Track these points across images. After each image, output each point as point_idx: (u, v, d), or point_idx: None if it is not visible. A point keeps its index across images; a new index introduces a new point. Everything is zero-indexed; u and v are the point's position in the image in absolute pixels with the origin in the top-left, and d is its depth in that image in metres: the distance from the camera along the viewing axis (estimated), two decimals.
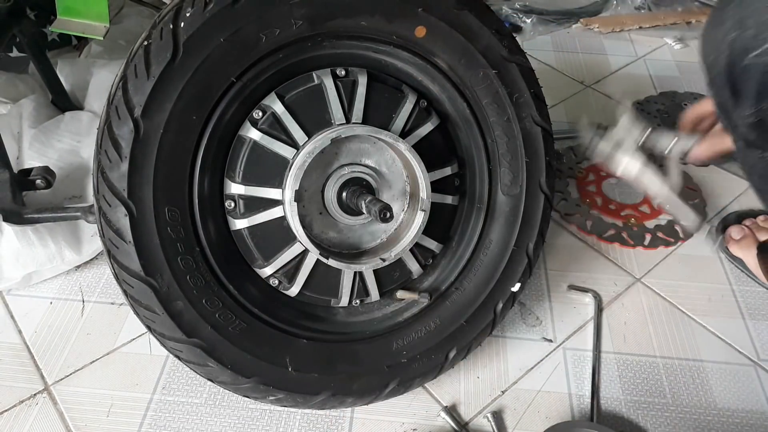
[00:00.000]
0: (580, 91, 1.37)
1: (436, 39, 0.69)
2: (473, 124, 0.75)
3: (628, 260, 1.00)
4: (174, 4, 0.60)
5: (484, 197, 0.78)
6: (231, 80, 0.63)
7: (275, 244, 0.70)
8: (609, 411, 0.80)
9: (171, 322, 0.64)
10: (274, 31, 0.62)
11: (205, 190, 0.66)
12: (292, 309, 0.74)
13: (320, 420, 0.79)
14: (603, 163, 0.90)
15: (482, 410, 0.80)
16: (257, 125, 0.67)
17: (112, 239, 0.62)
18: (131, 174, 0.60)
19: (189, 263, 0.65)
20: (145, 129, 0.60)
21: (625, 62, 1.46)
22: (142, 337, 0.88)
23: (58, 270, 0.94)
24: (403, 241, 0.71)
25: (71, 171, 1.03)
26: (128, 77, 0.59)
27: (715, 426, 0.79)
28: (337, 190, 0.70)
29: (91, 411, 0.79)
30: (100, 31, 0.89)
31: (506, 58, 0.72)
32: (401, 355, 0.75)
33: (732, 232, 0.98)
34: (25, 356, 0.86)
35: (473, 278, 0.78)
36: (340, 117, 0.68)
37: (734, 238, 0.98)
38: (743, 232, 0.97)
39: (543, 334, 0.89)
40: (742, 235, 0.97)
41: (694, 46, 1.53)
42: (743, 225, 0.99)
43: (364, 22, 0.66)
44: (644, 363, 0.86)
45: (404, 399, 0.80)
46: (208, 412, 0.79)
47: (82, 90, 1.17)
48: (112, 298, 0.93)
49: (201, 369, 0.68)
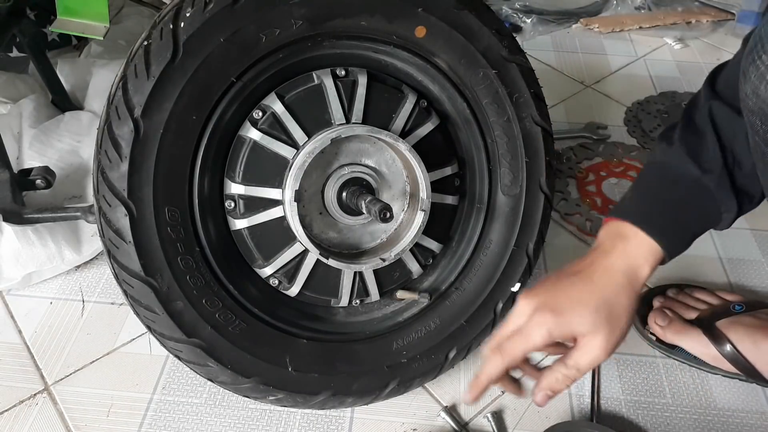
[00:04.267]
0: (580, 91, 1.37)
1: (436, 39, 0.69)
2: (473, 124, 0.75)
3: None
4: (174, 4, 0.60)
5: (484, 197, 0.78)
6: (231, 80, 0.63)
7: (275, 244, 0.70)
8: (609, 411, 0.80)
9: (171, 322, 0.64)
10: (274, 31, 0.62)
11: (205, 190, 0.66)
12: (292, 309, 0.74)
13: (320, 420, 0.79)
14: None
15: (482, 410, 0.80)
16: (257, 125, 0.67)
17: (112, 239, 0.62)
18: (131, 174, 0.60)
19: (189, 263, 0.65)
20: (145, 129, 0.60)
21: (625, 62, 1.46)
22: (142, 337, 0.88)
23: (58, 270, 0.94)
24: (403, 241, 0.71)
25: (71, 171, 1.03)
26: (128, 77, 0.59)
27: (715, 426, 0.79)
28: (337, 190, 0.70)
29: (91, 411, 0.79)
30: (100, 31, 0.89)
31: (506, 58, 0.72)
32: (401, 355, 0.75)
33: (656, 320, 0.84)
34: (25, 356, 0.86)
35: (473, 278, 0.78)
36: (340, 117, 0.68)
37: (661, 324, 0.84)
38: (667, 316, 0.84)
39: None
40: (668, 320, 0.84)
41: (694, 46, 1.53)
42: (662, 308, 0.86)
43: (364, 22, 0.66)
44: (644, 363, 0.86)
45: (404, 399, 0.80)
46: (208, 412, 0.79)
47: (82, 90, 1.17)
48: (112, 298, 0.93)
49: (201, 369, 0.68)
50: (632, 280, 0.61)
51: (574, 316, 0.59)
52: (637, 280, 0.62)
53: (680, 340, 0.83)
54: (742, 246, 1.02)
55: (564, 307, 0.59)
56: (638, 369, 0.85)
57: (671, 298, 0.89)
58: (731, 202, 0.65)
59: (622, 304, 0.60)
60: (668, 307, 0.86)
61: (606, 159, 1.17)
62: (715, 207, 0.65)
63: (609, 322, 0.59)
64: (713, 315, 0.82)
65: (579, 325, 0.59)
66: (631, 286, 0.61)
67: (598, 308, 0.59)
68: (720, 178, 0.64)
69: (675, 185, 0.66)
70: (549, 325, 0.59)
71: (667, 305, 0.87)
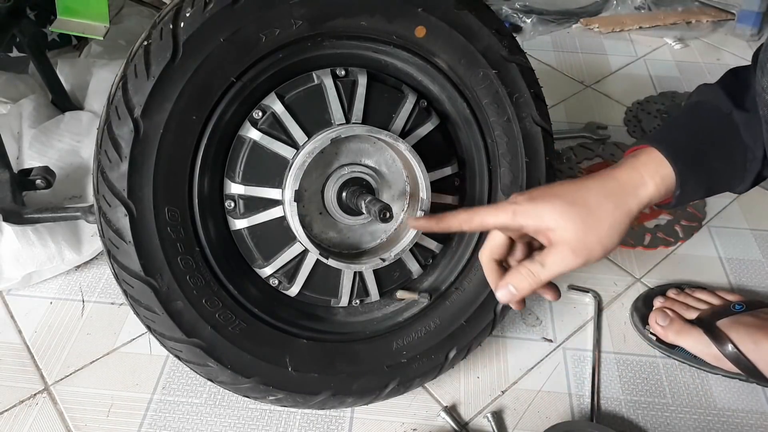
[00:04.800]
0: (580, 91, 1.37)
1: (436, 39, 0.69)
2: (473, 124, 0.75)
3: (628, 260, 1.00)
4: (174, 4, 0.60)
5: (484, 197, 0.78)
6: (231, 80, 0.63)
7: (275, 244, 0.70)
8: (609, 411, 0.80)
9: (171, 322, 0.64)
10: (274, 31, 0.63)
11: (205, 190, 0.66)
12: (292, 309, 0.74)
13: (320, 420, 0.79)
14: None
15: (482, 410, 0.80)
16: (257, 125, 0.67)
17: (112, 239, 0.62)
18: (131, 174, 0.60)
19: (189, 263, 0.65)
20: (145, 129, 0.60)
21: (625, 62, 1.46)
22: (142, 337, 0.88)
23: (58, 270, 0.94)
24: (403, 241, 0.71)
25: (71, 171, 1.03)
26: (128, 77, 0.59)
27: (715, 426, 0.79)
28: (337, 190, 0.70)
29: (91, 411, 0.79)
30: (100, 31, 0.89)
31: (506, 58, 0.72)
32: (401, 355, 0.75)
33: (657, 320, 0.84)
34: (25, 356, 0.86)
35: (473, 278, 0.78)
36: (340, 117, 0.68)
37: (662, 324, 0.83)
38: (668, 316, 0.84)
39: (543, 334, 0.89)
40: (668, 319, 0.83)
41: (694, 46, 1.53)
42: (663, 308, 0.85)
43: (364, 22, 0.66)
44: (644, 363, 0.86)
45: (404, 399, 0.80)
46: (208, 412, 0.79)
47: (82, 90, 1.17)
48: (112, 298, 0.93)
49: (201, 369, 0.68)
50: (629, 191, 0.56)
51: (545, 206, 0.55)
52: (635, 192, 0.56)
53: (681, 339, 0.83)
54: (742, 246, 1.02)
55: (539, 196, 0.56)
56: (638, 369, 0.85)
57: (672, 298, 0.88)
58: (758, 148, 0.59)
59: (607, 209, 0.54)
60: (669, 307, 0.86)
61: (606, 159, 1.17)
62: (741, 149, 0.59)
63: (584, 221, 0.54)
64: (714, 315, 0.82)
65: (548, 217, 0.54)
66: (626, 196, 0.55)
67: (574, 203, 0.54)
68: (752, 119, 0.58)
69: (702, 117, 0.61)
70: (517, 207, 0.56)
71: (668, 305, 0.87)
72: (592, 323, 0.90)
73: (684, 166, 0.57)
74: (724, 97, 0.60)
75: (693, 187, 0.58)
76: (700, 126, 0.61)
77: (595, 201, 0.55)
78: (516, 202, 0.57)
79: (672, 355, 0.85)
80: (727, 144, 0.60)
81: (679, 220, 1.06)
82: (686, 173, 0.57)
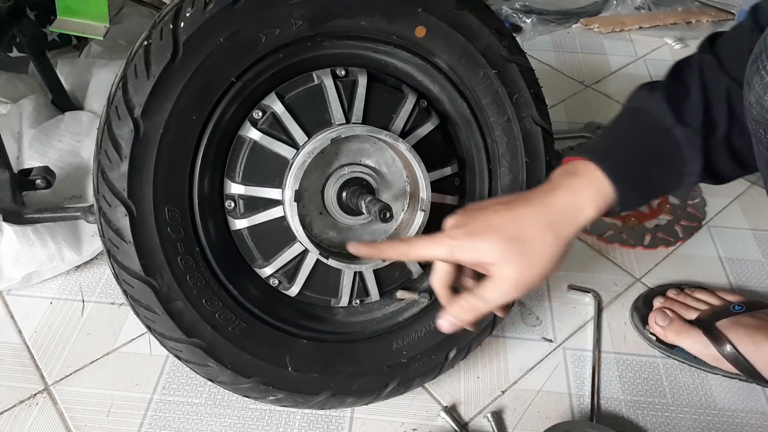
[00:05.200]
0: (580, 91, 1.37)
1: (436, 39, 0.69)
2: (473, 124, 0.75)
3: (628, 260, 1.00)
4: (174, 4, 0.60)
5: (484, 197, 0.78)
6: (231, 80, 0.63)
7: (275, 244, 0.70)
8: (609, 411, 0.80)
9: (171, 322, 0.64)
10: (274, 31, 0.62)
11: (205, 190, 0.66)
12: (292, 309, 0.74)
13: (320, 420, 0.79)
14: None
15: (482, 410, 0.80)
16: (257, 125, 0.67)
17: (112, 239, 0.62)
18: (131, 174, 0.60)
19: (189, 263, 0.65)
20: (145, 129, 0.60)
21: (625, 62, 1.46)
22: (142, 337, 0.88)
23: (58, 270, 0.94)
24: None
25: (71, 171, 1.03)
26: (128, 77, 0.59)
27: (715, 426, 0.79)
28: (337, 190, 0.70)
29: (91, 411, 0.79)
30: (100, 31, 0.89)
31: (506, 58, 0.72)
32: (401, 355, 0.75)
33: (657, 320, 0.85)
34: (25, 356, 0.86)
35: None
36: (340, 117, 0.68)
37: (661, 324, 0.84)
38: (668, 316, 0.84)
39: (543, 334, 0.89)
40: (668, 320, 0.84)
41: (694, 46, 1.52)
42: (662, 308, 0.86)
43: (363, 22, 0.66)
44: (644, 363, 0.86)
45: (404, 399, 0.80)
46: (208, 412, 0.79)
47: (82, 90, 1.17)
48: (112, 298, 0.93)
49: (201, 369, 0.68)
50: (568, 219, 0.56)
51: (483, 242, 0.54)
52: (575, 220, 0.56)
53: (680, 340, 0.83)
54: (742, 246, 1.02)
55: (477, 231, 0.55)
56: (638, 369, 0.85)
57: (672, 298, 0.88)
58: (696, 163, 0.59)
59: (545, 241, 0.54)
60: (669, 308, 0.86)
61: None
62: (679, 163, 0.60)
63: (523, 255, 0.54)
64: (713, 315, 0.82)
65: (487, 253, 0.54)
66: (566, 225, 0.55)
67: (512, 239, 0.54)
68: (693, 135, 0.59)
69: (643, 131, 0.61)
70: (454, 243, 0.55)
71: (668, 305, 0.87)
72: (592, 323, 0.90)
73: (627, 186, 0.57)
74: (666, 110, 0.60)
75: (632, 202, 0.59)
76: (641, 142, 0.61)
77: (535, 233, 0.55)
78: (453, 237, 0.56)
79: (672, 355, 0.85)
80: (667, 160, 0.60)
81: (679, 220, 1.06)
82: (627, 192, 0.57)
